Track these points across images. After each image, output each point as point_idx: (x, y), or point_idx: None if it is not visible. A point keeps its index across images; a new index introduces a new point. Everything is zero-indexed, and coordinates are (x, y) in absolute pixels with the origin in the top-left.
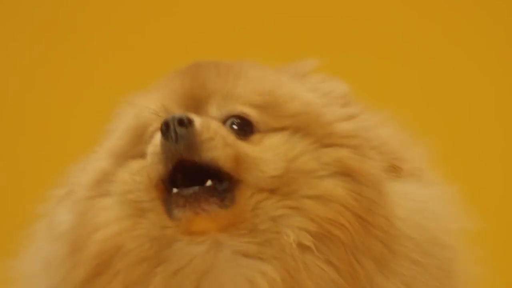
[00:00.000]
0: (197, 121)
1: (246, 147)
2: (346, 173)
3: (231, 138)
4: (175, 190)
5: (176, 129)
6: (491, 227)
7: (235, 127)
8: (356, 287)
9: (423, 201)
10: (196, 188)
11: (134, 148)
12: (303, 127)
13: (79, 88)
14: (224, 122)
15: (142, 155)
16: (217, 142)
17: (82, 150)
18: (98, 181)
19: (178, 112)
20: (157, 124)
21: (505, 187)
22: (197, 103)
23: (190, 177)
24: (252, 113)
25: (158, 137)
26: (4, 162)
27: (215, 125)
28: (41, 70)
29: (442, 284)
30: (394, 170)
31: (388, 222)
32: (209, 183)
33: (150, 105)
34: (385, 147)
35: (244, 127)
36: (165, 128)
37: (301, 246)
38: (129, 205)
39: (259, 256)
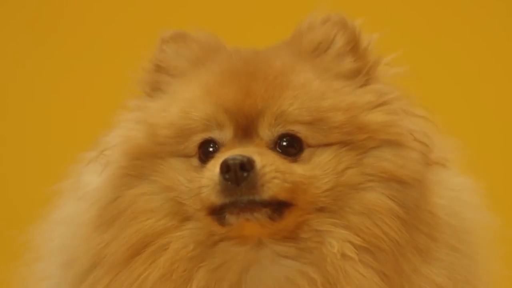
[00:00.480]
0: (258, 162)
1: (299, 170)
2: (390, 180)
3: (288, 168)
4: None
5: (237, 173)
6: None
7: (285, 144)
8: (402, 281)
9: (457, 190)
10: (249, 197)
11: (175, 145)
12: (348, 138)
13: (84, 87)
14: (275, 142)
15: (186, 154)
16: (277, 181)
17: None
18: (134, 157)
19: (238, 150)
20: (205, 134)
21: None
22: (249, 122)
23: None
24: (301, 130)
25: (216, 172)
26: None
27: (275, 163)
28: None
29: (473, 272)
30: (428, 158)
31: (431, 215)
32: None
33: (200, 111)
34: (417, 135)
35: (294, 145)
36: (226, 169)
37: (344, 256)
38: (172, 204)
39: (299, 259)
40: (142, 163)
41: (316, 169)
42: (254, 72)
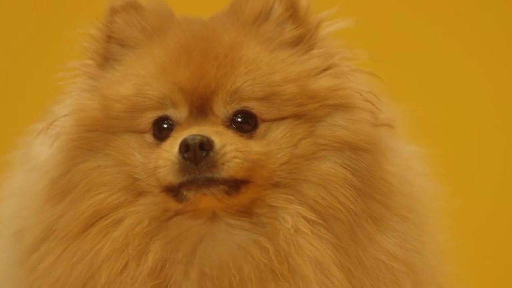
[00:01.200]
0: (217, 142)
1: (256, 147)
2: (343, 148)
3: (246, 146)
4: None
5: (196, 152)
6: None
7: (240, 120)
8: (358, 250)
9: (408, 158)
10: (207, 176)
11: (129, 120)
12: (301, 110)
13: None
14: (231, 119)
15: (140, 130)
16: (237, 161)
17: None
18: (86, 129)
19: (195, 130)
20: (159, 111)
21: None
22: (204, 101)
23: None
24: (255, 106)
25: (174, 152)
26: None
27: (234, 142)
28: None
29: (423, 242)
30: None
31: (385, 182)
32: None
33: (155, 89)
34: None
35: (249, 121)
36: (185, 149)
37: (297, 231)
38: (126, 178)
39: (252, 231)
40: (95, 136)
41: (272, 144)
42: (206, 50)
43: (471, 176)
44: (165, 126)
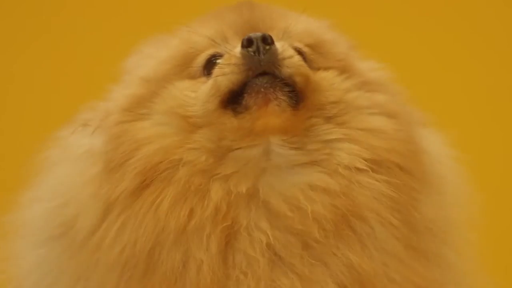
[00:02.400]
0: (277, 42)
1: (311, 73)
2: (389, 115)
3: (302, 61)
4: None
5: (259, 45)
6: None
7: None
8: (408, 203)
9: (438, 144)
10: (271, 77)
11: (180, 72)
12: (346, 70)
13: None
14: None
15: (192, 77)
16: (295, 61)
17: None
18: (131, 106)
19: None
20: (213, 50)
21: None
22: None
23: None
24: (305, 50)
25: (237, 49)
26: None
27: (291, 49)
28: None
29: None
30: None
31: (426, 155)
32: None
33: (206, 30)
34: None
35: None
36: (248, 44)
37: (356, 169)
38: (177, 121)
39: (311, 168)
40: (139, 108)
41: (324, 81)
42: (251, 2)
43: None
44: (213, 64)
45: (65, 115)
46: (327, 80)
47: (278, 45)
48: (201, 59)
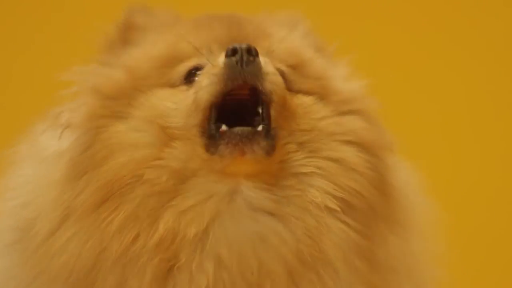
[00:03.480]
0: (261, 57)
1: (288, 96)
2: (360, 144)
3: (283, 83)
4: (224, 127)
5: (243, 55)
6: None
7: None
8: (373, 247)
9: (406, 174)
10: (250, 129)
11: (161, 76)
12: (324, 93)
13: None
14: None
15: (171, 84)
16: (276, 79)
17: None
18: (108, 95)
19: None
20: (196, 61)
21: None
22: None
23: (235, 116)
24: (286, 71)
25: (221, 59)
26: None
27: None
28: None
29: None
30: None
31: (395, 190)
32: (260, 127)
33: (192, 40)
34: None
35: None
36: (232, 53)
37: (327, 208)
38: (154, 131)
39: (274, 214)
40: (118, 102)
41: (299, 108)
42: (239, 18)
43: (470, 177)
44: (195, 76)
45: (37, 109)
46: (303, 108)
47: (262, 59)
48: (183, 68)
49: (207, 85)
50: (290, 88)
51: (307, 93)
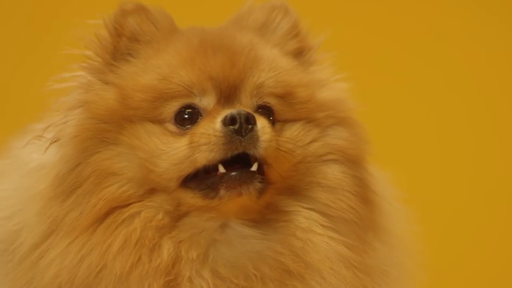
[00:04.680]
0: (258, 121)
1: (276, 144)
2: (345, 160)
3: (274, 133)
4: (222, 169)
5: (242, 124)
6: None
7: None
8: (363, 256)
9: (384, 182)
10: (245, 171)
11: (152, 110)
12: (311, 115)
13: None
14: (255, 111)
15: (161, 120)
16: (271, 141)
17: None
18: (100, 119)
19: (236, 109)
20: (188, 99)
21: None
22: (232, 90)
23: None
24: (275, 104)
25: (218, 126)
26: None
27: (268, 125)
28: None
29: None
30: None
31: (378, 198)
32: (254, 167)
33: (184, 76)
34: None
35: (270, 117)
36: (230, 122)
37: (311, 231)
38: (139, 168)
39: (263, 239)
40: (108, 127)
41: (287, 144)
42: (231, 46)
43: (469, 178)
44: (186, 116)
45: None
46: (291, 140)
47: (259, 124)
48: (175, 105)
49: (205, 151)
50: (278, 118)
51: (295, 120)
